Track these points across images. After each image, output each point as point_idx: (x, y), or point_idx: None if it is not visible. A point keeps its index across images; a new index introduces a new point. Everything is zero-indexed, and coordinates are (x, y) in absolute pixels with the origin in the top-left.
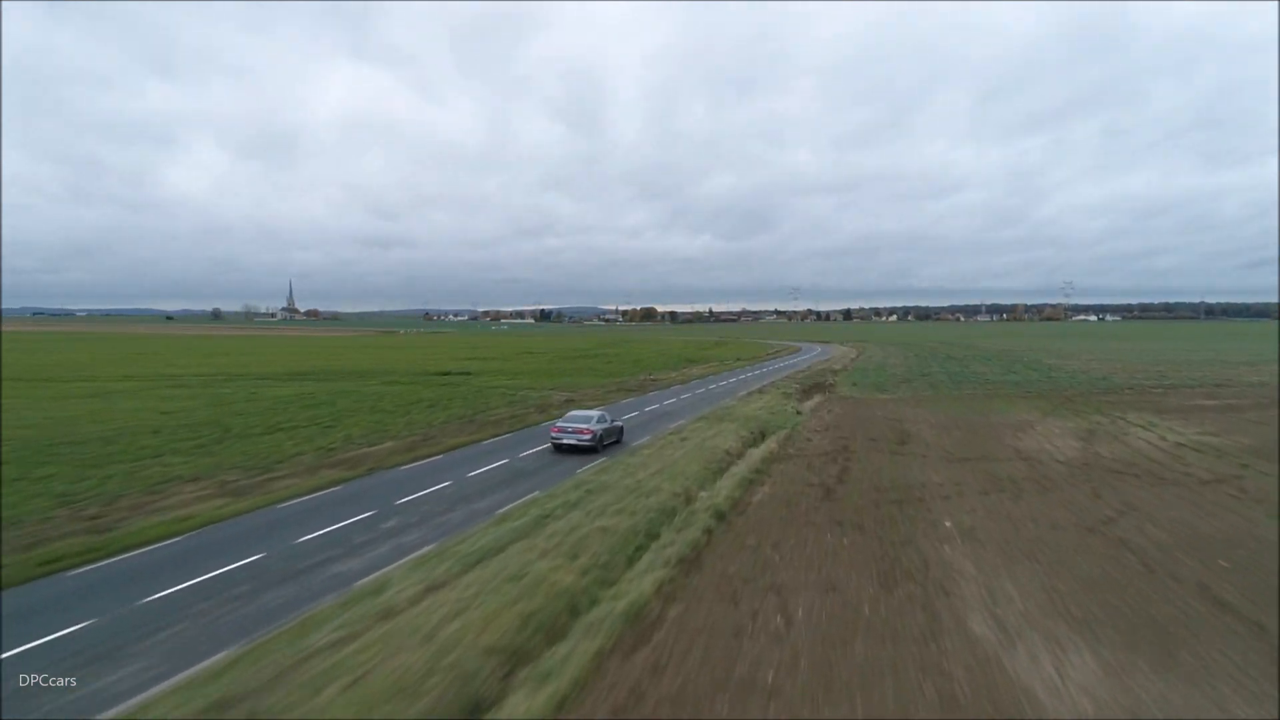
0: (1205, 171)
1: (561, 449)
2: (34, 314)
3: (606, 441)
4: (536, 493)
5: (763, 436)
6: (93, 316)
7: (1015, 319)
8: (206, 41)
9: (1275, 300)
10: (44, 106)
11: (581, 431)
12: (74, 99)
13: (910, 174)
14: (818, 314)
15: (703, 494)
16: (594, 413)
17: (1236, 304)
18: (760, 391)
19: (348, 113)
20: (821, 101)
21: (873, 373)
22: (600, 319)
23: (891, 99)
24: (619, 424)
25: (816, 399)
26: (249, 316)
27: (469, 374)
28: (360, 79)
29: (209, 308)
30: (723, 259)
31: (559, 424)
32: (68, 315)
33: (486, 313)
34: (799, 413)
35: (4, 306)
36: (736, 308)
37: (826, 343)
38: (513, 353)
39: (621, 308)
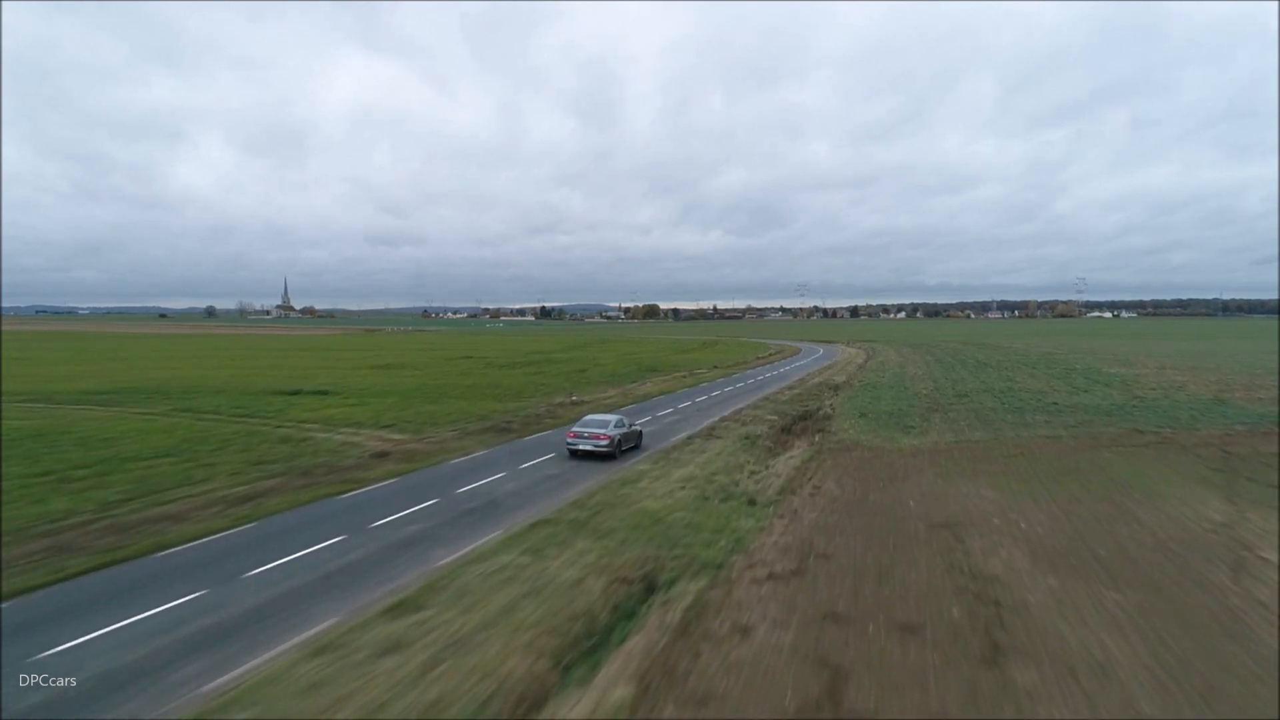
0: (1231, 164)
1: (577, 455)
2: (38, 312)
3: (625, 447)
4: None
5: (646, 594)
6: (95, 315)
7: (1027, 316)
8: (212, 32)
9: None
10: (49, 101)
11: (598, 437)
12: (79, 92)
13: (928, 168)
14: (824, 311)
15: None
16: (611, 416)
17: (1251, 300)
18: (711, 434)
19: (357, 107)
20: (841, 93)
21: (887, 391)
22: (603, 316)
23: (913, 90)
24: (637, 428)
25: (798, 451)
26: (243, 314)
27: (325, 393)
28: (371, 72)
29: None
30: (732, 256)
31: (574, 429)
32: (71, 313)
33: (487, 310)
34: (753, 501)
35: (15, 305)
36: (742, 305)
37: (831, 342)
38: (444, 358)
39: (624, 305)
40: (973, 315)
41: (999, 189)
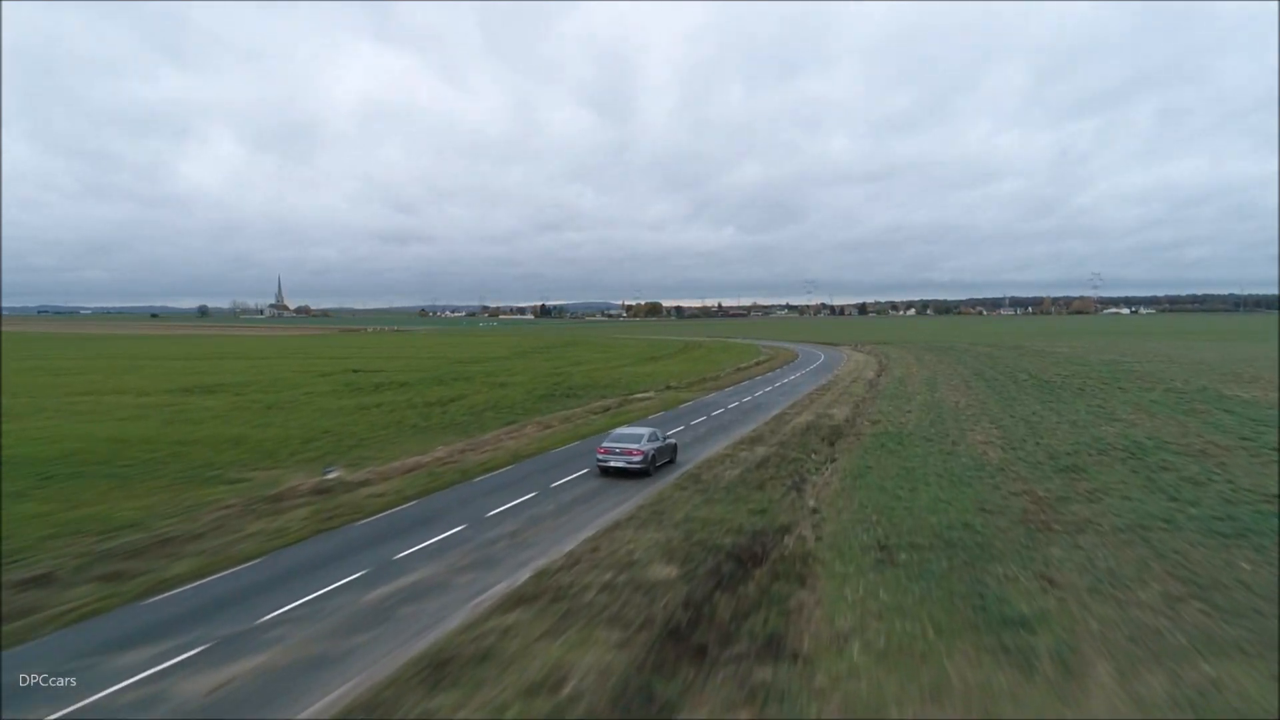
0: (1260, 156)
1: (609, 472)
2: (40, 312)
3: (659, 462)
4: None
5: None
6: (97, 315)
7: (1042, 312)
8: (220, 24)
9: None
10: (55, 97)
11: (631, 453)
12: (85, 88)
13: (949, 161)
14: (831, 309)
15: None
16: (643, 429)
17: (1269, 295)
18: (447, 674)
19: (368, 100)
20: (863, 83)
21: (923, 449)
22: (604, 314)
23: (938, 79)
24: (671, 440)
25: None
26: (236, 314)
27: None
28: (381, 64)
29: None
30: (744, 253)
31: (605, 444)
32: (74, 313)
33: (486, 308)
34: None
35: (23, 305)
36: (748, 302)
37: (836, 345)
38: (319, 374)
39: (627, 303)
40: (984, 312)
41: (1021, 183)
